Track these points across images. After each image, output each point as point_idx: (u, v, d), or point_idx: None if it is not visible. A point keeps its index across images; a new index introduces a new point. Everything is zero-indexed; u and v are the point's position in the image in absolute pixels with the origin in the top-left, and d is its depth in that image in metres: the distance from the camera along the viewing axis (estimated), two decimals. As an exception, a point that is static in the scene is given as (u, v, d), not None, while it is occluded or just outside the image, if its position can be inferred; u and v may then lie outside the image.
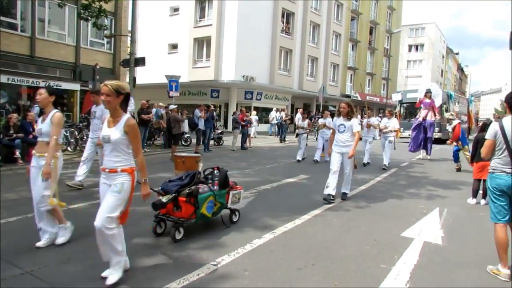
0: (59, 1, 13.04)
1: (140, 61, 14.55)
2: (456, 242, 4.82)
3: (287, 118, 22.68)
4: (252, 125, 20.29)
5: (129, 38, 17.89)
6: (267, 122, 27.00)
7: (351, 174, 7.00)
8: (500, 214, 3.80)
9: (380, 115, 28.17)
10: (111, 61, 19.96)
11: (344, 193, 6.97)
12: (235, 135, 16.07)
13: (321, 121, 12.66)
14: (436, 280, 3.73)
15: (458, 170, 11.02)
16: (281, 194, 7.36)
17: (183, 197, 4.59)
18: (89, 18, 13.08)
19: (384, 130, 11.75)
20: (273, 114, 24.68)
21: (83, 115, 16.50)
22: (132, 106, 8.90)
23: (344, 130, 6.65)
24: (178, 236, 4.44)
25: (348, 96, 39.00)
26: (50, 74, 16.87)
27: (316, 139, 15.67)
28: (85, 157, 7.65)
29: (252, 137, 18.53)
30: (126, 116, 3.39)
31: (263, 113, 28.64)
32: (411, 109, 24.02)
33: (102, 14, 13.12)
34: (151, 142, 15.74)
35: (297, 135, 13.03)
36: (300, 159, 12.45)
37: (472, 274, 3.90)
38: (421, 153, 14.30)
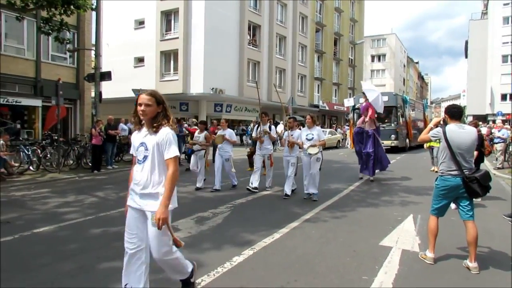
0: (17, 14, 12.54)
1: (106, 76, 14.19)
2: (433, 248, 4.87)
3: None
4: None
5: (93, 52, 17.44)
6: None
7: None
8: (440, 211, 4.39)
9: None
10: (74, 76, 19.31)
11: None
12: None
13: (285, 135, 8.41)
14: (419, 289, 3.73)
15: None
16: (257, 208, 7.26)
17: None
18: (50, 32, 12.63)
19: (307, 145, 7.91)
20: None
21: (46, 132, 15.88)
22: None
23: (146, 157, 3.03)
24: None
25: (316, 106, 39.65)
26: (8, 90, 16.13)
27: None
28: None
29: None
30: None
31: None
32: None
33: (64, 27, 12.70)
34: (119, 158, 15.29)
35: (193, 151, 9.56)
36: (200, 186, 9.25)
37: (453, 279, 3.94)
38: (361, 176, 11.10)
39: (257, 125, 9.34)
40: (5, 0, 11.22)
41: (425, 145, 12.65)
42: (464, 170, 4.12)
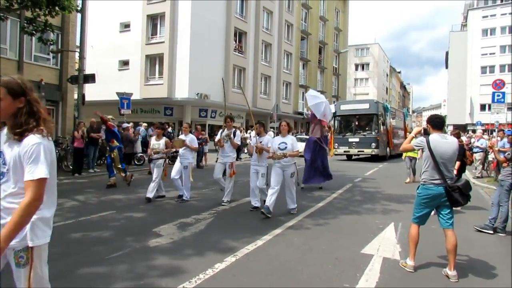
0: (1, 14, 12.30)
1: (90, 78, 14.03)
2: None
3: (244, 136, 22.61)
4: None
5: (77, 54, 17.23)
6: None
7: None
8: (421, 220, 4.45)
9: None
10: (57, 77, 18.99)
11: None
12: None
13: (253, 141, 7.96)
14: (399, 297, 3.78)
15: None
16: (240, 214, 7.25)
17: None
18: (34, 32, 12.42)
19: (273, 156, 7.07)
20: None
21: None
22: None
23: (4, 175, 2.12)
24: None
25: (301, 113, 39.91)
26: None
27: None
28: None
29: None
30: None
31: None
32: (345, 122, 22.53)
33: (48, 28, 12.51)
34: (101, 162, 15.07)
35: (150, 160, 8.78)
36: (152, 197, 8.29)
37: (432, 287, 4.00)
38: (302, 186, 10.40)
39: (221, 130, 8.49)
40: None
41: (403, 156, 12.74)
42: (446, 179, 4.22)
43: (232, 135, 8.13)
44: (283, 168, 7.06)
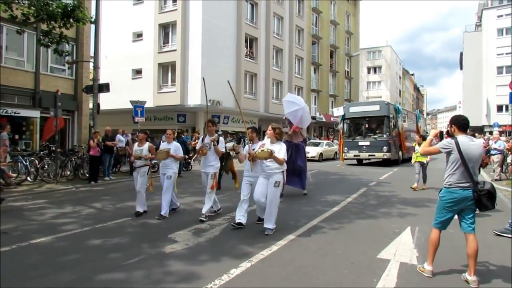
0: (18, 28, 12.63)
1: (104, 87, 14.25)
2: (431, 261, 4.87)
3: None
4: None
5: (91, 64, 17.53)
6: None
7: None
8: (444, 225, 4.33)
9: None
10: (72, 87, 19.35)
11: None
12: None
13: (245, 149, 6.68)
14: (417, 301, 3.73)
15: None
16: (254, 220, 7.22)
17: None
18: (50, 44, 12.72)
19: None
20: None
21: (43, 143, 15.85)
22: None
23: None
24: None
25: (314, 118, 39.81)
26: (7, 101, 16.16)
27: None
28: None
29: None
30: None
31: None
32: (355, 125, 21.65)
33: (63, 40, 12.79)
34: (116, 170, 15.26)
35: (133, 169, 8.06)
36: (141, 211, 7.70)
37: (450, 293, 3.93)
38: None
39: (202, 136, 7.61)
40: (7, 14, 11.35)
41: (412, 160, 12.13)
42: (475, 183, 4.08)
43: (216, 142, 7.16)
44: (268, 177, 6.15)
